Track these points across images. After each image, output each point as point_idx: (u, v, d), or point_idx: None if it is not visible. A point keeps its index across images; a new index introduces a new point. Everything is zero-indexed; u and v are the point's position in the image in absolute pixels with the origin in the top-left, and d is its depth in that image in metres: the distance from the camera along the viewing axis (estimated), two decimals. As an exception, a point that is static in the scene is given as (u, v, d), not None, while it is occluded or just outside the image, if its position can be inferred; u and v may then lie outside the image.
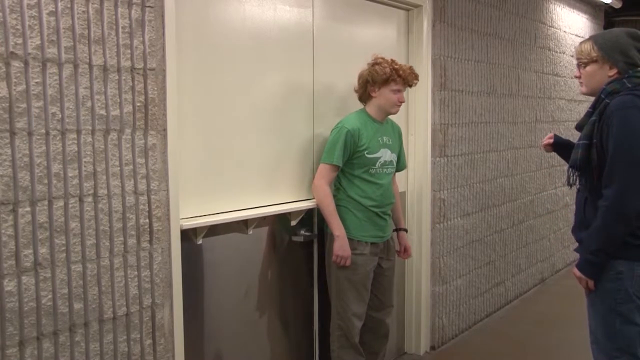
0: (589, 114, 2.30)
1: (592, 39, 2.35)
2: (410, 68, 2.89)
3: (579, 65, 2.39)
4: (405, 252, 3.17)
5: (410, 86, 2.93)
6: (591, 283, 2.26)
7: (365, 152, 2.82)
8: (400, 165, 3.07)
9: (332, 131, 2.87)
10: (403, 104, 2.94)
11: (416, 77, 2.89)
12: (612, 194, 2.17)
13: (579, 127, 2.36)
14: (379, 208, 2.89)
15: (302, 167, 2.97)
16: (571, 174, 2.33)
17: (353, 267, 2.84)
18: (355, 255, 2.84)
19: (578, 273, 2.29)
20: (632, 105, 2.16)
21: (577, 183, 2.34)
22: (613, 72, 2.28)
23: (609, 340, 2.25)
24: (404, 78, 2.84)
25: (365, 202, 2.85)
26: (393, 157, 2.97)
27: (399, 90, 2.85)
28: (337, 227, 2.79)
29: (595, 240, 2.22)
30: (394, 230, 3.10)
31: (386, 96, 2.85)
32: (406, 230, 3.22)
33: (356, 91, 2.95)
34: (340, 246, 2.78)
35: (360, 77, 2.90)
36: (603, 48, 2.29)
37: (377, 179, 2.89)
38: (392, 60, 2.87)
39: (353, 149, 2.80)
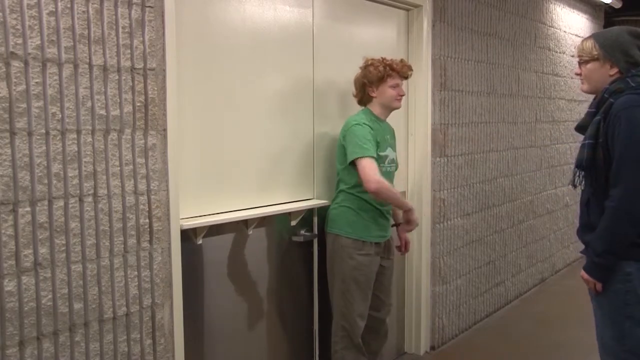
0: (591, 114, 2.27)
1: (594, 37, 2.33)
2: (402, 60, 2.91)
3: (580, 63, 2.37)
4: (405, 246, 3.18)
5: (406, 78, 2.94)
6: (599, 285, 2.23)
7: (378, 150, 2.83)
8: (396, 164, 3.09)
9: (348, 130, 2.80)
10: (403, 98, 2.96)
11: (410, 68, 2.92)
12: (618, 194, 2.14)
13: (579, 128, 2.34)
14: (383, 207, 2.91)
15: (302, 167, 2.97)
16: (577, 174, 2.31)
17: (359, 268, 2.84)
18: (362, 255, 2.84)
19: (586, 276, 2.26)
20: (638, 104, 2.14)
21: (582, 184, 2.31)
22: (614, 71, 2.27)
23: (618, 342, 2.21)
24: (399, 71, 2.87)
25: (373, 200, 2.85)
26: (394, 156, 2.99)
27: (397, 85, 2.88)
28: (407, 202, 2.94)
29: (602, 241, 2.18)
30: (392, 225, 3.10)
31: (386, 93, 2.87)
32: None
33: (355, 96, 2.96)
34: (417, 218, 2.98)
35: (356, 81, 2.93)
36: (604, 46, 2.27)
37: (385, 177, 2.90)
38: (382, 58, 2.89)
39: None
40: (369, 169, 2.70)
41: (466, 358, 3.80)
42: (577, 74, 2.41)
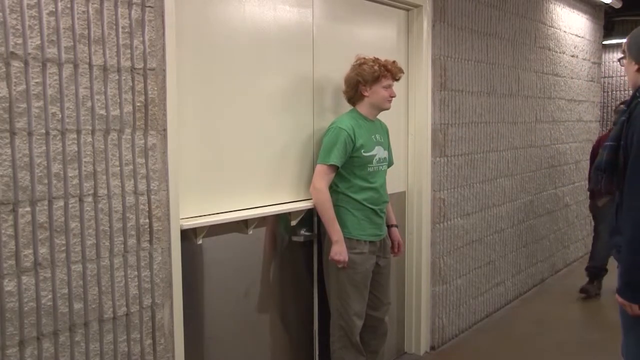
0: (621, 112, 2.14)
1: (630, 33, 2.22)
2: (395, 62, 2.92)
3: (620, 59, 2.28)
4: (398, 248, 3.18)
5: (397, 80, 2.95)
6: (635, 308, 2.04)
7: (362, 151, 2.83)
8: (390, 162, 3.09)
9: (326, 132, 2.86)
10: (398, 98, 2.96)
11: (401, 70, 2.94)
12: (627, 202, 2.02)
13: (614, 125, 2.22)
14: (376, 205, 2.91)
15: (302, 167, 2.97)
16: (594, 177, 2.19)
17: (353, 267, 2.84)
18: (355, 254, 2.84)
19: (620, 299, 2.08)
20: None
21: (602, 186, 2.17)
22: (635, 67, 2.15)
23: (639, 347, 2.10)
24: (392, 72, 2.89)
25: (365, 200, 2.86)
26: (386, 154, 3.00)
27: (389, 86, 2.89)
28: (336, 232, 2.79)
29: (624, 255, 2.04)
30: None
31: (379, 93, 2.87)
32: (397, 226, 3.22)
33: (345, 93, 2.95)
34: (338, 251, 2.78)
35: (349, 79, 2.90)
36: (629, 43, 2.18)
37: (375, 177, 2.91)
38: (375, 57, 2.90)
39: (350, 149, 2.80)
40: (319, 175, 2.80)
41: (466, 358, 3.80)
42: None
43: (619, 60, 2.29)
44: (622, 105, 2.23)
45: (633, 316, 2.07)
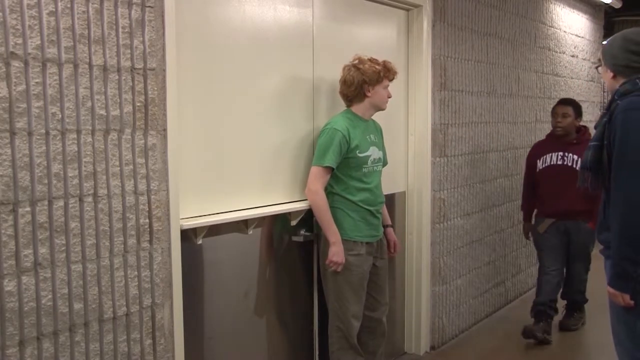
0: (602, 115, 2.27)
1: None
2: (390, 62, 2.91)
3: (597, 67, 2.41)
4: (394, 248, 3.17)
5: (391, 80, 2.95)
6: (626, 298, 2.13)
7: (357, 152, 2.82)
8: (384, 162, 3.08)
9: (321, 134, 2.85)
10: (392, 99, 2.98)
11: (396, 71, 2.95)
12: (614, 198, 2.12)
13: (595, 128, 2.34)
14: (372, 206, 2.90)
15: (302, 166, 2.96)
16: (581, 176, 2.30)
17: (350, 268, 2.83)
18: (352, 256, 2.83)
19: (611, 290, 2.18)
20: (635, 107, 2.12)
21: (589, 184, 2.28)
22: (610, 74, 2.28)
23: (631, 341, 2.18)
24: (392, 73, 2.90)
25: (361, 201, 2.86)
26: (380, 154, 2.98)
27: (387, 86, 2.90)
28: (333, 234, 2.79)
29: (614, 249, 2.14)
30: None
31: (380, 93, 2.88)
32: (392, 226, 3.21)
33: (343, 93, 2.91)
34: (336, 252, 2.77)
35: (352, 79, 2.83)
36: (603, 51, 2.31)
37: (370, 177, 2.90)
38: (372, 57, 2.88)
39: (345, 150, 2.80)
40: (315, 177, 2.79)
41: (466, 358, 3.80)
42: None
43: (596, 67, 2.40)
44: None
45: (624, 306, 2.15)
